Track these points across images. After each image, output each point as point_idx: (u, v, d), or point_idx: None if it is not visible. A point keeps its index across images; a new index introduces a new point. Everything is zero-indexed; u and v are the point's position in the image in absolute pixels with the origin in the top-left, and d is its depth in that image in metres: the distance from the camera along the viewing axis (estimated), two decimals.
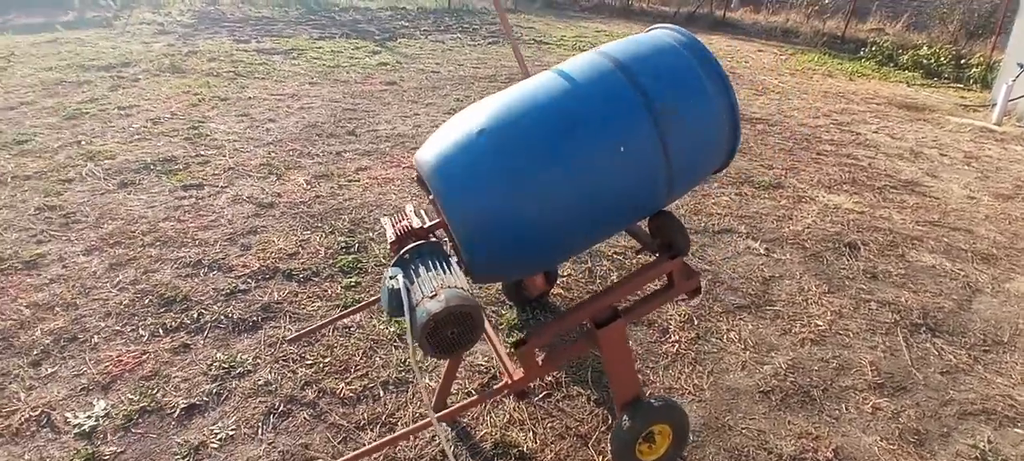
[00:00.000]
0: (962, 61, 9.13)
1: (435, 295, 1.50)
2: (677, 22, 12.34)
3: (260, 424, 2.11)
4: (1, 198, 3.38)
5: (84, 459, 1.94)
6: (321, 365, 2.37)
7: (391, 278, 1.58)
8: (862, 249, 3.63)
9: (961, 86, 8.76)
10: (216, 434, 2.07)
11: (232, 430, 2.08)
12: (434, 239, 1.70)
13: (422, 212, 1.76)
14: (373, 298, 2.51)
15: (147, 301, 2.68)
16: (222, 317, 2.61)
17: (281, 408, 2.18)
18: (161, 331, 2.52)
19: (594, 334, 1.76)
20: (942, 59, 9.24)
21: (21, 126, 4.34)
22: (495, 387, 1.81)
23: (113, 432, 2.05)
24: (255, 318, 2.62)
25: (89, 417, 2.09)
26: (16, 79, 5.31)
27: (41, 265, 2.87)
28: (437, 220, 1.71)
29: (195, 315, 2.61)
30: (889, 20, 11.50)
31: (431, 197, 1.64)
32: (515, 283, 2.67)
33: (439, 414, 1.69)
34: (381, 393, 2.27)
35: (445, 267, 1.62)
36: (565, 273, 3.12)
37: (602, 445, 2.10)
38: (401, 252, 1.68)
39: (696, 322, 2.83)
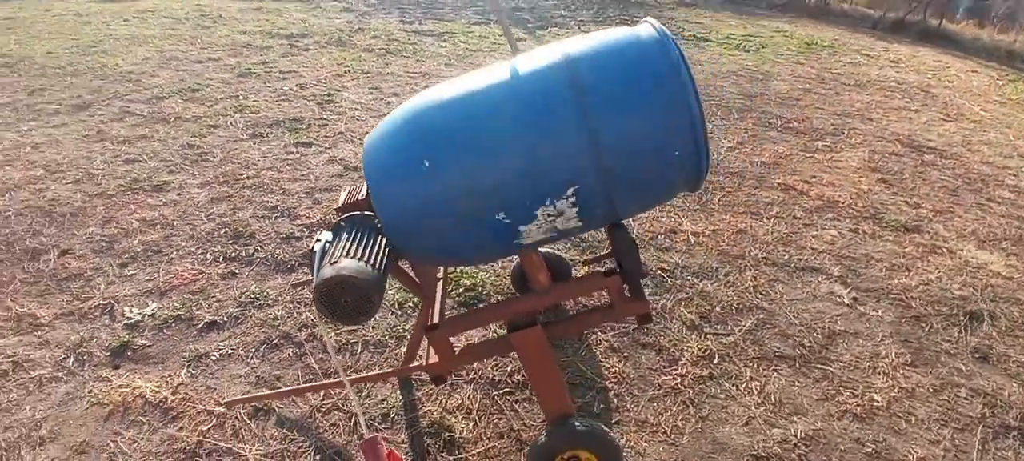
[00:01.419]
0: None
1: (335, 262, 1.59)
2: (881, 28, 10.74)
3: (254, 350, 2.40)
4: (160, 133, 4.20)
5: (120, 344, 2.38)
6: None
7: (316, 240, 1.71)
8: (986, 322, 2.92)
9: None
10: (219, 349, 2.40)
11: (231, 349, 2.40)
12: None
13: None
14: None
15: (223, 232, 3.16)
16: (270, 256, 2.98)
17: (276, 341, 2.45)
18: (222, 259, 2.96)
19: (508, 337, 1.71)
20: None
21: (201, 77, 5.31)
22: (412, 365, 1.85)
23: (150, 329, 2.49)
24: (294, 262, 2.95)
25: (140, 314, 2.55)
26: (214, 38, 6.48)
27: (164, 190, 3.53)
28: None
29: (251, 250, 3.02)
30: None
31: None
32: (520, 276, 2.65)
33: (351, 377, 1.78)
34: (359, 349, 2.42)
35: (368, 240, 1.69)
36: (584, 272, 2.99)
37: None
38: (339, 219, 1.79)
39: (716, 360, 2.54)
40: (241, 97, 5.04)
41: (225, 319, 2.56)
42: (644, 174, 1.60)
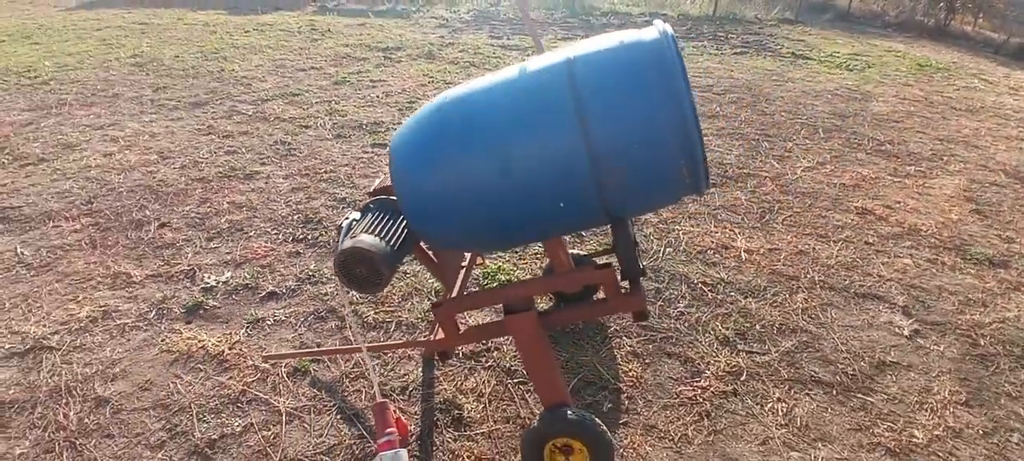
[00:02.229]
0: None
1: (355, 237, 1.78)
2: (1004, 53, 9.70)
3: (302, 320, 2.67)
4: (259, 130, 4.71)
5: (195, 303, 2.74)
6: None
7: (345, 218, 1.92)
8: None
9: None
10: (274, 315, 2.69)
11: (284, 317, 2.68)
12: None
13: None
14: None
15: (296, 218, 3.51)
16: (331, 240, 3.28)
17: (322, 313, 2.70)
18: (291, 240, 3.29)
19: (504, 320, 1.80)
20: None
21: (301, 83, 5.87)
22: (419, 339, 1.99)
23: (222, 294, 2.83)
24: None
25: (216, 280, 2.91)
26: (320, 49, 7.11)
27: (254, 178, 3.97)
28: None
29: (317, 234, 3.33)
30: None
31: None
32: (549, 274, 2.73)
33: (367, 345, 1.95)
34: (392, 328, 2.62)
35: (389, 221, 1.87)
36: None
37: None
38: (368, 201, 1.99)
39: (744, 377, 2.48)
40: (333, 102, 5.52)
41: (284, 291, 2.86)
42: (636, 169, 1.65)
